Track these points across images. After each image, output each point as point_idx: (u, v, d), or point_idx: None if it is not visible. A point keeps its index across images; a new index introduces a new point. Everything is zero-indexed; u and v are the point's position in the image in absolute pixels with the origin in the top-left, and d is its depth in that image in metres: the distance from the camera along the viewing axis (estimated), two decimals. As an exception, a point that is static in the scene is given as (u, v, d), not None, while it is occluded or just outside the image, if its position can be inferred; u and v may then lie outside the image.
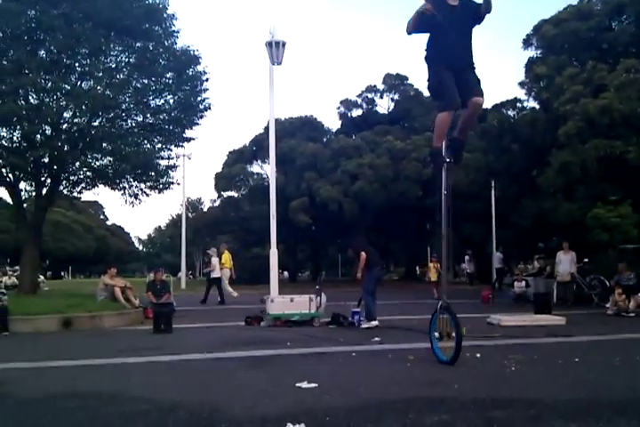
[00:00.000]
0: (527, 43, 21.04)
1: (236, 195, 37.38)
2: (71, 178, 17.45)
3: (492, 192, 24.32)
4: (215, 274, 17.15)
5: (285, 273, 42.77)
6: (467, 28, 5.71)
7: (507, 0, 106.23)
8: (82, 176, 17.58)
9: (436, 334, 5.97)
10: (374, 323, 9.60)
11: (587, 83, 17.05)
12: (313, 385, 4.81)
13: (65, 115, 16.31)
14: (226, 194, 37.74)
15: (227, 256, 17.86)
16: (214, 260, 17.30)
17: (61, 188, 17.41)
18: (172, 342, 8.07)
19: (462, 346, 5.67)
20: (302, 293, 11.42)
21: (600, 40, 18.82)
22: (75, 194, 18.41)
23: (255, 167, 37.26)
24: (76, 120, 16.45)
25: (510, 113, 22.39)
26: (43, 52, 15.97)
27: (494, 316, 10.33)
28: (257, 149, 35.60)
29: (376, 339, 7.94)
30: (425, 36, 5.79)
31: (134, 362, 6.42)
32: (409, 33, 5.61)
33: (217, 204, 40.45)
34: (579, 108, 16.25)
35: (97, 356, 6.73)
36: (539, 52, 20.94)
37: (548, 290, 14.57)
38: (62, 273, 63.38)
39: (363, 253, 10.04)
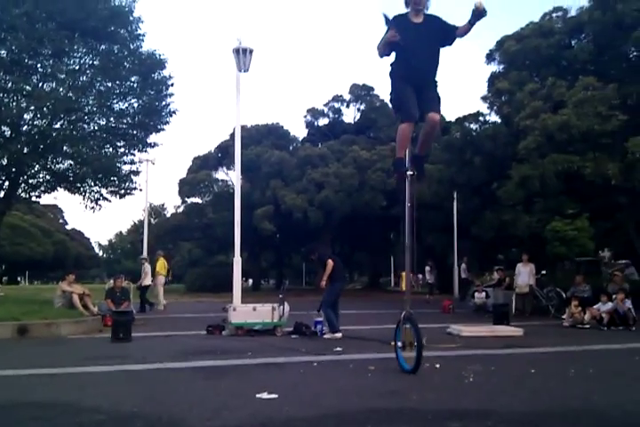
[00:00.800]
0: (490, 57, 21.56)
1: (200, 201, 37.02)
2: (30, 181, 17.07)
3: (454, 204, 24.72)
4: (145, 282, 16.84)
5: (249, 281, 42.51)
6: (432, 46, 5.80)
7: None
8: (41, 179, 17.22)
9: (400, 344, 6.00)
10: (338, 335, 9.53)
11: (546, 99, 17.54)
12: (273, 396, 4.79)
13: (25, 116, 15.99)
14: (190, 200, 37.36)
15: (162, 263, 17.57)
16: (146, 267, 16.98)
17: (20, 191, 17.01)
18: (130, 352, 7.92)
19: (422, 356, 5.69)
20: (265, 301, 11.35)
21: (560, 57, 19.41)
22: (34, 198, 18.01)
23: (220, 174, 37.07)
24: (36, 122, 16.14)
25: (473, 126, 22.82)
26: (3, 51, 15.63)
27: (454, 326, 10.48)
28: (222, 155, 35.43)
29: (338, 349, 7.96)
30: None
31: (91, 371, 6.28)
32: (381, 57, 5.72)
33: (180, 210, 39.98)
34: (538, 123, 16.70)
35: (53, 365, 6.56)
36: (501, 67, 21.46)
37: (507, 301, 14.85)
38: (19, 278, 61.58)
39: (330, 262, 9.99)
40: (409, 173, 5.95)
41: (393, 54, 5.82)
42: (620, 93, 16.35)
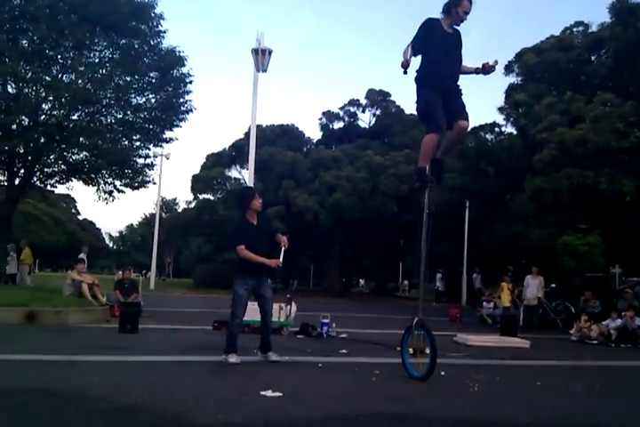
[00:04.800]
0: (509, 69, 21.52)
1: (212, 198, 37.22)
2: (45, 170, 17.22)
3: (466, 213, 24.63)
4: (11, 270, 16.88)
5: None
6: (458, 57, 5.86)
7: (491, 25, 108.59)
8: (56, 169, 17.36)
9: (410, 351, 5.97)
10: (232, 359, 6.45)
11: (564, 113, 17.48)
12: (277, 394, 4.78)
13: (43, 106, 16.13)
14: (202, 196, 37.56)
15: (27, 252, 17.68)
16: (12, 255, 17.02)
17: (34, 179, 17.17)
18: (137, 343, 7.96)
19: (436, 363, 5.65)
20: (272, 300, 11.34)
21: (579, 72, 19.36)
22: (48, 187, 18.19)
23: (233, 172, 37.24)
24: (54, 113, 16.28)
25: (488, 137, 22.81)
26: (25, 41, 15.79)
27: (461, 335, 10.43)
28: (236, 153, 35.55)
29: (343, 351, 7.95)
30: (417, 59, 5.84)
31: (97, 361, 6.31)
32: (408, 59, 5.55)
33: (192, 205, 40.19)
34: (555, 136, 16.64)
35: (59, 352, 6.60)
36: (519, 79, 21.44)
37: (515, 313, 14.77)
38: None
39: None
40: (432, 180, 5.86)
41: (418, 59, 5.79)
42: (638, 111, 16.26)
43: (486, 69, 5.74)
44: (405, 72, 5.47)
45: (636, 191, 15.69)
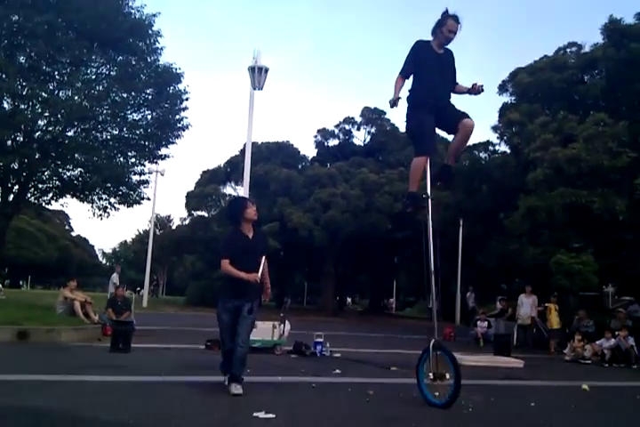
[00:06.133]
0: (502, 88, 21.73)
1: (206, 215, 37.09)
2: (40, 186, 17.16)
3: (460, 230, 24.65)
4: None
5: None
6: (449, 77, 5.94)
7: (485, 45, 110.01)
8: (51, 186, 17.31)
9: (431, 375, 5.46)
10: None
11: (557, 132, 17.61)
12: (270, 416, 4.74)
13: (39, 122, 16.12)
14: (196, 213, 37.45)
15: None
16: None
17: (29, 195, 17.10)
18: (129, 362, 7.88)
19: (460, 389, 5.32)
20: (266, 319, 11.27)
21: (572, 91, 19.55)
22: (42, 203, 18.10)
23: (228, 189, 37.15)
24: (49, 129, 16.27)
25: (482, 155, 22.93)
26: (22, 57, 15.83)
27: (455, 355, 10.36)
28: (231, 170, 35.57)
29: (337, 371, 7.90)
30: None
31: (89, 380, 6.24)
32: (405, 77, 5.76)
33: (186, 222, 40.05)
34: (548, 155, 16.74)
35: (51, 372, 6.53)
36: (513, 98, 21.64)
37: (509, 332, 14.73)
38: (21, 282, 61.47)
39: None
40: (429, 198, 5.77)
41: (411, 80, 5.87)
42: (630, 131, 16.42)
43: (476, 89, 5.84)
44: (393, 106, 5.55)
45: (629, 211, 15.77)
